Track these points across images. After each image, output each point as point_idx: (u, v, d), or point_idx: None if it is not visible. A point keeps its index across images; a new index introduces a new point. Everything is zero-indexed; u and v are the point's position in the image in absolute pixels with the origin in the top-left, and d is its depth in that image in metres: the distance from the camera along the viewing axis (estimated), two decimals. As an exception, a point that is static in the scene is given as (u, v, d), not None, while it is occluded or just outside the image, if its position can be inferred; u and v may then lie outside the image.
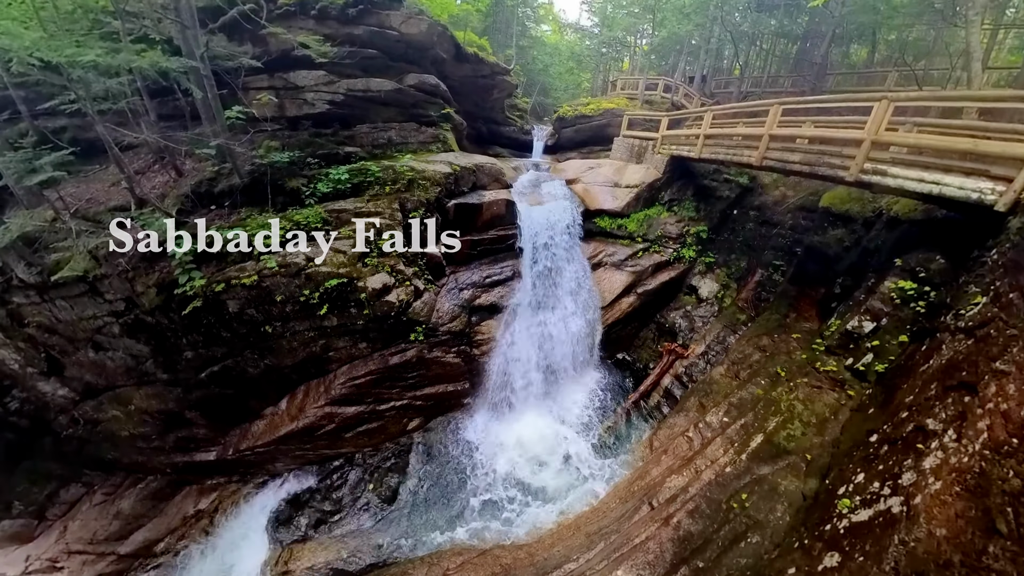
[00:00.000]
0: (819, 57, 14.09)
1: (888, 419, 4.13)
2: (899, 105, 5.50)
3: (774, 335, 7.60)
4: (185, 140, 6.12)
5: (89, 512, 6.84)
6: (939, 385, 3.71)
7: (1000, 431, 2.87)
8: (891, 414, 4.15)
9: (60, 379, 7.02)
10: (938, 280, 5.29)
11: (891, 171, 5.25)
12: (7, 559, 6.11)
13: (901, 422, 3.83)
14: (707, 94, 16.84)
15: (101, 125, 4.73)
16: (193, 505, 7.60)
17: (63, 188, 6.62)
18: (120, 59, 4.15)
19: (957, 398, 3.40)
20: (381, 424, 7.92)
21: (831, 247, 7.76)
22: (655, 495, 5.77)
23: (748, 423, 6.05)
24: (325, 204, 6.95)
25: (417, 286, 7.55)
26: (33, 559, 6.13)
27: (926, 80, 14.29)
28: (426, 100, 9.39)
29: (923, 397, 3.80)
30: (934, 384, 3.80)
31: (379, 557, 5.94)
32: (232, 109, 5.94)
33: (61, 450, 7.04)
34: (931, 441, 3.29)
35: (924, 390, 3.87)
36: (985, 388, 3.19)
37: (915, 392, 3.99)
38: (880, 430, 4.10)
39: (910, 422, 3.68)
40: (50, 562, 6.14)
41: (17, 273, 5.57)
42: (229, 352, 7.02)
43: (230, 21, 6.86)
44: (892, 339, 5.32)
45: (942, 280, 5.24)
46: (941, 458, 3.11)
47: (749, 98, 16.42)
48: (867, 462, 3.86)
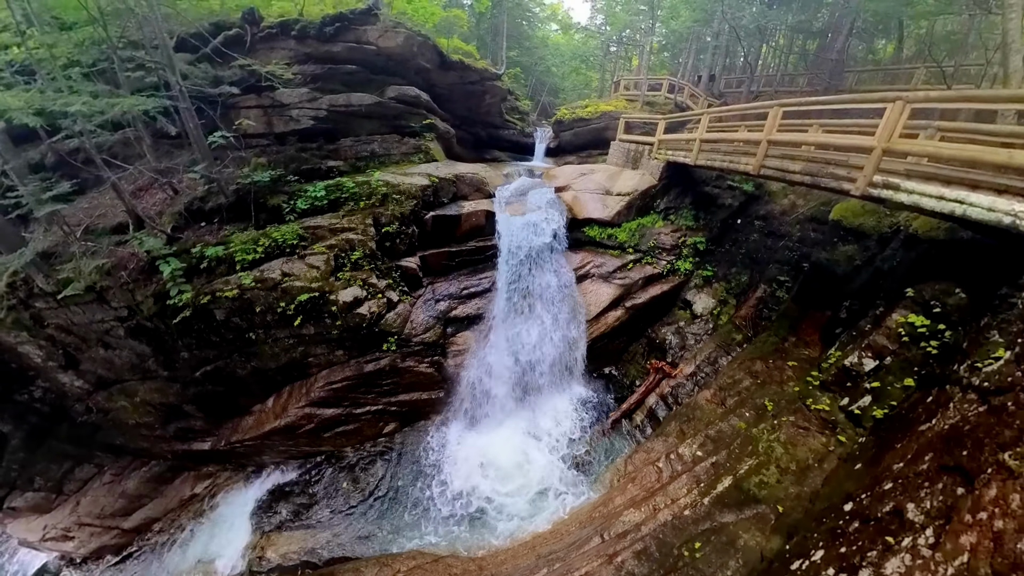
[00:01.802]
0: (835, 53, 13.42)
1: (870, 486, 3.61)
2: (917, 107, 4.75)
3: (769, 360, 7.22)
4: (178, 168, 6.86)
5: (99, 490, 7.95)
6: (934, 459, 3.13)
7: (984, 559, 2.23)
8: (875, 479, 3.64)
9: (76, 372, 8.08)
10: (956, 318, 4.65)
11: (905, 185, 4.61)
12: (28, 526, 7.30)
13: (882, 495, 3.31)
14: (715, 94, 16.41)
15: (99, 158, 5.50)
16: (190, 489, 8.63)
17: (79, 204, 7.58)
18: (102, 104, 4.83)
19: (950, 485, 2.80)
20: (357, 427, 8.61)
21: (840, 265, 7.18)
22: (609, 527, 5.64)
23: (720, 461, 5.72)
24: (303, 220, 7.59)
25: (390, 298, 8.11)
26: (50, 528, 7.29)
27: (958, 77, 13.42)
28: (408, 111, 9.85)
29: (913, 470, 3.24)
30: (929, 456, 3.23)
31: (342, 552, 6.66)
32: (214, 134, 6.61)
33: (77, 434, 8.15)
34: (905, 536, 2.74)
35: (917, 460, 3.31)
36: (984, 487, 2.57)
37: (907, 459, 3.46)
38: (857, 498, 3.60)
39: (890, 499, 3.16)
40: (63, 531, 7.28)
41: (38, 283, 6.53)
42: (219, 355, 7.86)
43: (220, 45, 7.52)
44: (896, 381, 4.74)
45: (960, 319, 4.61)
46: (907, 567, 2.55)
47: (760, 98, 15.91)
48: (832, 537, 3.38)
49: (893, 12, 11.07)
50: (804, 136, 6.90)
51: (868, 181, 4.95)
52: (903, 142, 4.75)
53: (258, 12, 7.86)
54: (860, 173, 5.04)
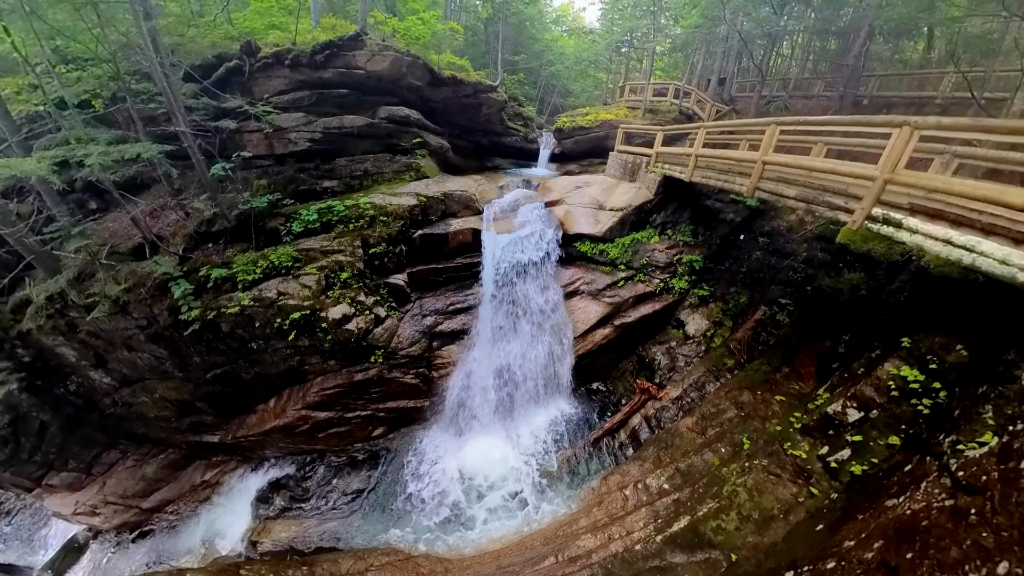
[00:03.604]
0: (851, 58, 13.01)
1: (817, 558, 3.32)
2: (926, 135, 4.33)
3: (757, 391, 7.01)
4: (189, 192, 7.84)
5: (122, 473, 9.33)
6: (881, 551, 2.82)
7: None
8: (823, 552, 3.33)
9: (104, 370, 9.39)
10: (953, 377, 4.28)
11: (908, 223, 4.19)
12: (62, 502, 8.76)
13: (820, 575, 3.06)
14: (725, 100, 16.16)
15: (117, 193, 6.49)
16: (200, 476, 9.93)
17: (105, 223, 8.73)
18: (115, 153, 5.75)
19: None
20: (348, 429, 9.62)
21: (844, 294, 6.76)
22: (565, 549, 5.82)
23: (683, 499, 5.71)
24: (297, 242, 8.48)
25: (378, 314, 8.95)
26: (80, 504, 8.71)
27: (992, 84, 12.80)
28: (399, 130, 10.52)
29: (858, 555, 2.93)
30: (879, 544, 2.91)
31: (325, 543, 7.70)
32: (215, 166, 7.51)
33: (104, 423, 9.52)
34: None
35: (867, 544, 3.02)
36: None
37: (860, 538, 3.14)
38: (800, 570, 3.34)
39: (825, 584, 2.87)
40: (91, 507, 8.68)
41: (71, 297, 7.69)
42: (226, 360, 8.96)
43: (222, 75, 8.38)
44: (880, 438, 4.50)
45: (959, 378, 4.22)
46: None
47: (772, 104, 15.62)
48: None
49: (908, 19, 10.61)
50: (801, 160, 6.45)
51: (867, 214, 4.58)
52: (908, 174, 4.32)
53: (255, 43, 8.65)
54: (859, 204, 4.67)
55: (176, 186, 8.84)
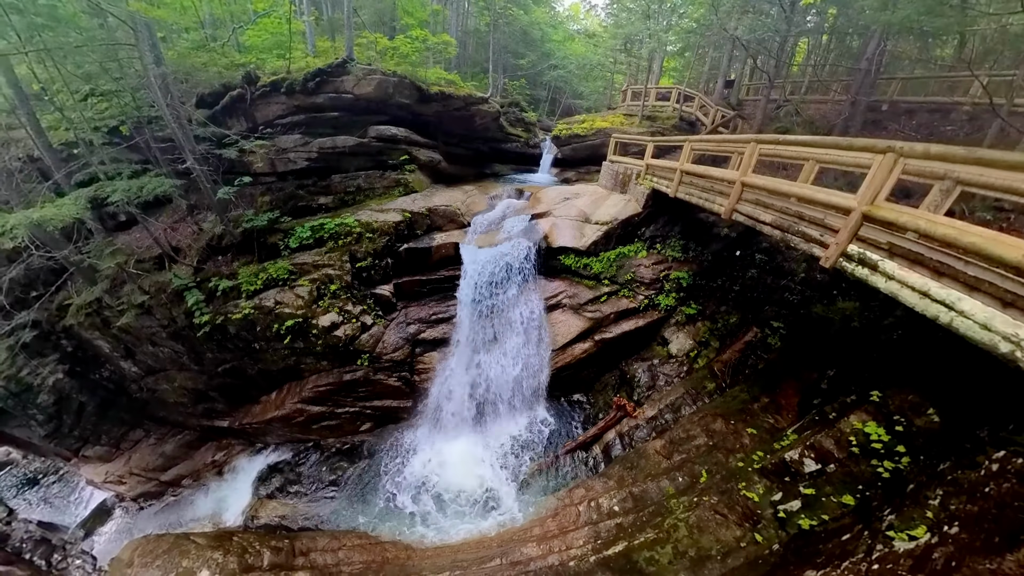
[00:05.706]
0: (864, 62, 12.73)
1: None
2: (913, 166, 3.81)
3: (731, 420, 6.88)
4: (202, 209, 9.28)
5: (145, 449, 11.20)
6: None
7: None
8: None
9: (133, 360, 11.19)
10: (920, 443, 4.02)
11: (884, 266, 3.83)
12: (95, 471, 10.78)
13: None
14: (732, 104, 16.09)
15: (140, 216, 7.94)
16: (211, 455, 11.68)
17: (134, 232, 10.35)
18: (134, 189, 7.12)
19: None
20: (338, 423, 11.03)
21: (835, 324, 6.44)
22: (511, 553, 6.17)
23: (625, 524, 5.82)
24: (293, 256, 9.79)
25: (364, 322, 10.19)
26: (109, 474, 10.66)
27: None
28: (388, 147, 11.62)
29: None
30: None
31: (309, 523, 9.13)
32: (221, 190, 8.85)
33: (131, 406, 11.40)
34: None
35: None
36: None
37: None
38: None
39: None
40: (119, 477, 10.59)
41: (105, 299, 9.35)
42: (234, 357, 10.51)
43: (228, 103, 9.67)
44: (834, 495, 4.30)
45: (924, 446, 3.97)
46: None
47: (782, 109, 15.51)
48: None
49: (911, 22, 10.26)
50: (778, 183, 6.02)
51: (842, 250, 4.23)
52: (888, 208, 3.91)
53: (255, 73, 9.92)
54: (834, 238, 4.33)
55: (192, 201, 10.34)
